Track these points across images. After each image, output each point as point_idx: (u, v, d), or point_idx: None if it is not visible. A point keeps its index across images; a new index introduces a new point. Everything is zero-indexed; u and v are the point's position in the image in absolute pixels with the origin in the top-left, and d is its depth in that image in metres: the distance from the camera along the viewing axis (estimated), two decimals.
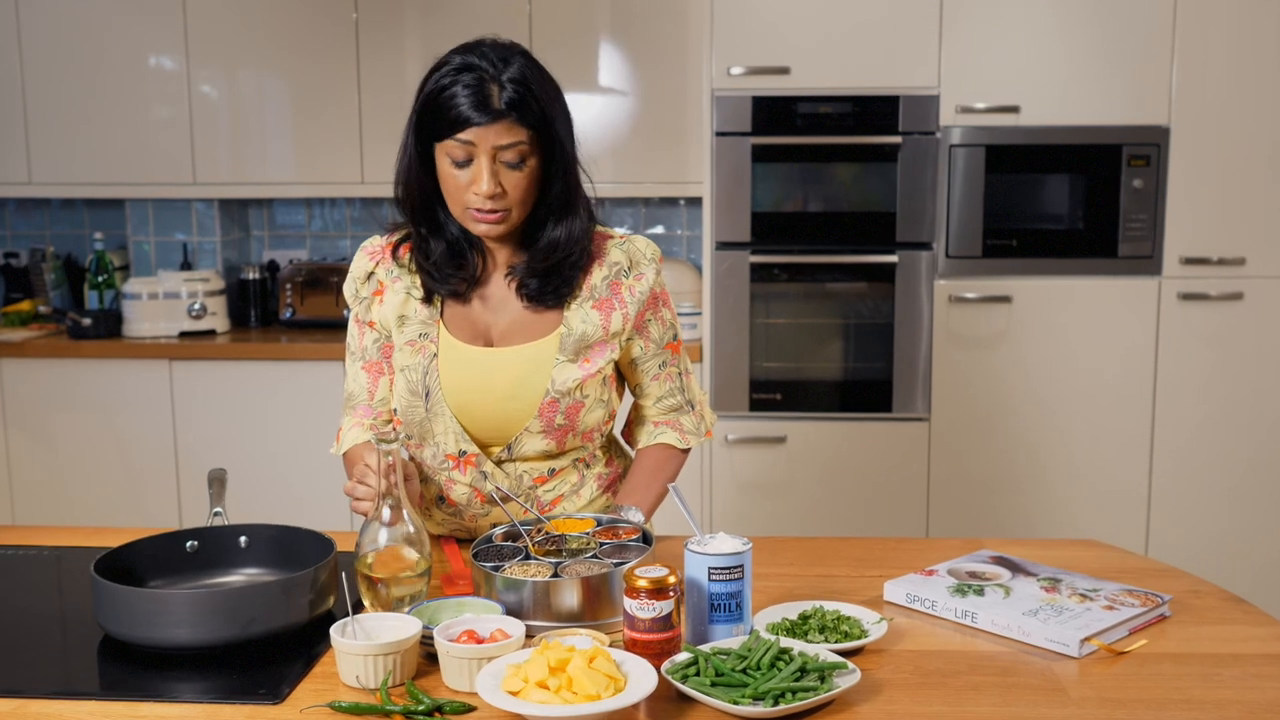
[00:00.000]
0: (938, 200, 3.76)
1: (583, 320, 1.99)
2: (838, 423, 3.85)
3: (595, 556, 1.78)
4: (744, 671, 1.49)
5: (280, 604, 1.64)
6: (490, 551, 1.82)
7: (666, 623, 1.56)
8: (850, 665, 1.52)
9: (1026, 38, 3.69)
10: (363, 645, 1.52)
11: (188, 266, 4.42)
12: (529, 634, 1.60)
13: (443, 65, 1.88)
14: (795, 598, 1.79)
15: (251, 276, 4.43)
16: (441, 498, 2.08)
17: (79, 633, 1.75)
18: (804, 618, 1.68)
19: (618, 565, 1.71)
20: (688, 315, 4.00)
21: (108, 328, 4.18)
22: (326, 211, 4.66)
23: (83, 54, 4.22)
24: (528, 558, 1.78)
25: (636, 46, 4.09)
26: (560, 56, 3.97)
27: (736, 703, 1.43)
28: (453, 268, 1.99)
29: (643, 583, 1.55)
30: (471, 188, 1.87)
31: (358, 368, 2.10)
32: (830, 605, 1.72)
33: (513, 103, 1.83)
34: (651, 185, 4.19)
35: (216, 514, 1.93)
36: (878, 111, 3.73)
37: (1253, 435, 3.81)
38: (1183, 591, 1.84)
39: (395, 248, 2.05)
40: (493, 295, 2.02)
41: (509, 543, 1.85)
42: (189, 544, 1.85)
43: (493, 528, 2.04)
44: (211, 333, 4.25)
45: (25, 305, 4.44)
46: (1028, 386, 3.80)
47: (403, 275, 2.03)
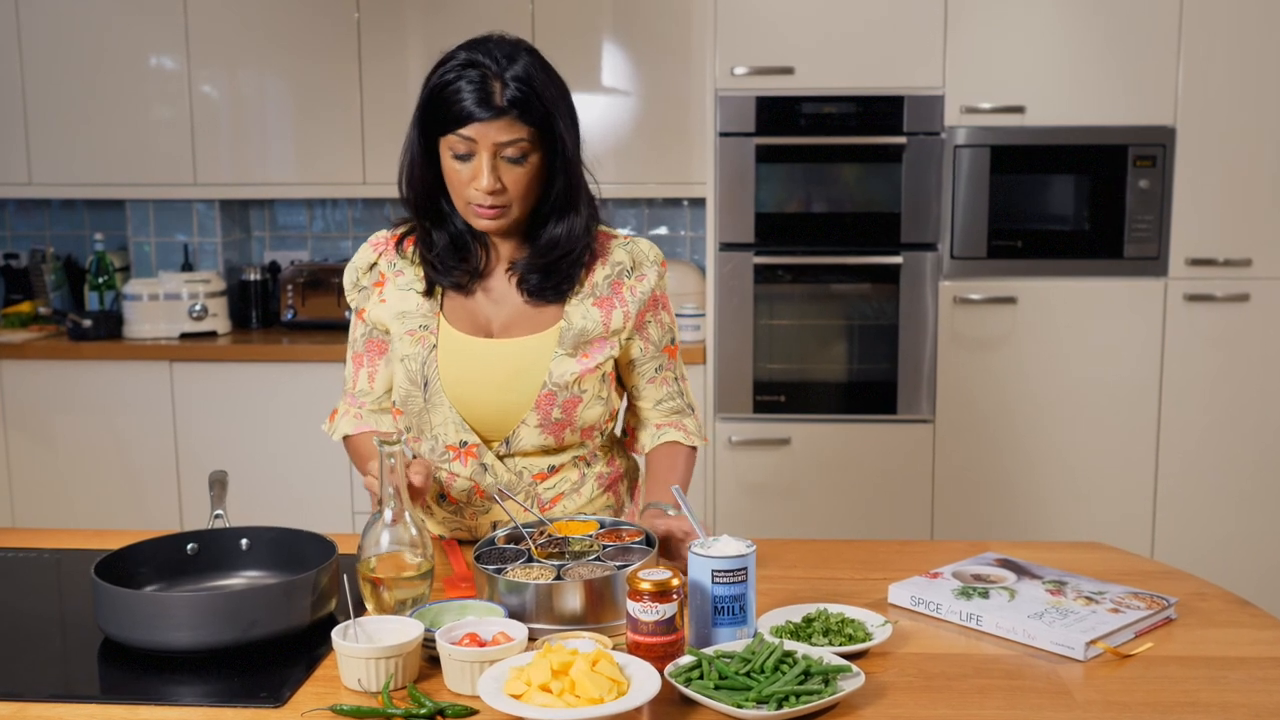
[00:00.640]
0: (942, 201, 3.75)
1: (583, 316, 2.00)
2: (842, 424, 3.85)
3: (598, 559, 1.77)
4: (748, 675, 1.48)
5: (281, 607, 1.64)
6: (493, 554, 1.82)
7: (670, 626, 1.56)
8: (854, 668, 1.51)
9: (1031, 38, 3.68)
10: (364, 648, 1.51)
11: (188, 267, 4.41)
12: (531, 637, 1.60)
13: (448, 60, 1.89)
14: (799, 600, 1.79)
15: (252, 277, 4.42)
16: (442, 495, 2.09)
17: (79, 636, 1.74)
18: (808, 620, 1.67)
19: (621, 568, 1.71)
20: (691, 317, 3.99)
21: (108, 329, 4.18)
22: (328, 212, 4.65)
23: (83, 54, 4.22)
24: (530, 560, 1.78)
25: (639, 46, 4.08)
26: (563, 56, 3.94)
27: (740, 706, 1.43)
28: (455, 260, 2.01)
29: (646, 585, 1.55)
30: (473, 183, 1.88)
31: (349, 356, 2.15)
32: (834, 608, 1.72)
33: (515, 100, 1.85)
34: (655, 186, 4.18)
35: (217, 516, 1.93)
36: (882, 112, 3.72)
37: (1259, 437, 3.80)
38: (1188, 594, 1.84)
39: (400, 240, 2.06)
40: (494, 288, 2.03)
41: (511, 545, 1.85)
42: (190, 546, 1.85)
43: (493, 527, 2.05)
44: (212, 334, 4.25)
45: (25, 306, 4.44)
46: (1032, 388, 3.80)
47: (405, 268, 2.05)
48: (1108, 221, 3.75)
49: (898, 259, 3.76)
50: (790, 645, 1.55)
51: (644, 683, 1.45)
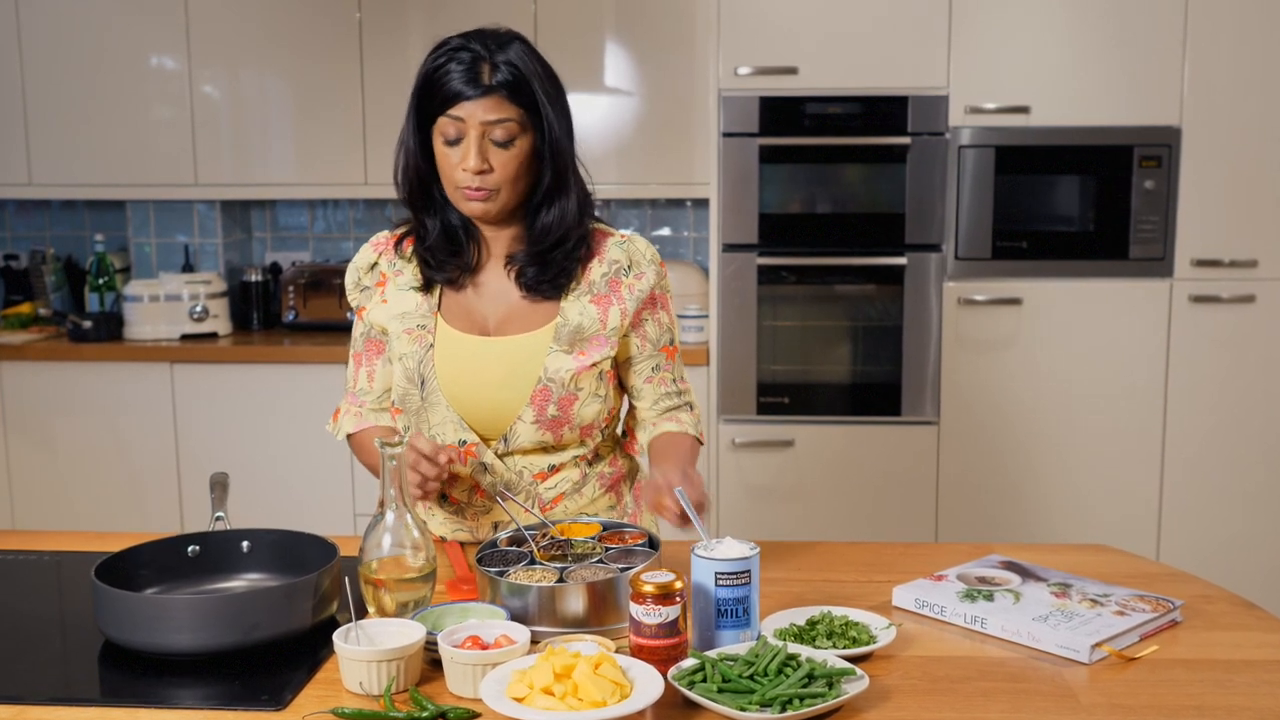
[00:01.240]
0: (947, 202, 3.74)
1: (579, 313, 2.01)
2: (846, 426, 3.84)
3: (601, 561, 1.77)
4: (751, 678, 1.48)
5: (283, 609, 1.63)
6: (495, 556, 1.81)
7: (673, 628, 1.55)
8: (858, 671, 1.51)
9: (1036, 37, 3.67)
10: (366, 651, 1.51)
11: (189, 268, 4.40)
12: (534, 640, 1.59)
13: (441, 46, 1.93)
14: (803, 603, 1.78)
15: (254, 279, 4.41)
16: (443, 495, 2.09)
17: (79, 638, 1.74)
18: (812, 623, 1.67)
19: (624, 570, 1.70)
20: (694, 318, 3.99)
21: (108, 330, 4.17)
22: (329, 213, 4.64)
23: (83, 54, 4.21)
24: (533, 562, 1.78)
25: (642, 46, 4.07)
26: (565, 56, 3.95)
27: (744, 709, 1.42)
28: (448, 254, 2.02)
29: (649, 588, 1.54)
30: (461, 165, 1.90)
31: (350, 355, 2.15)
32: (838, 610, 1.71)
33: (504, 81, 1.88)
34: (657, 186, 4.17)
35: (218, 518, 1.92)
36: (886, 112, 3.72)
37: (1265, 439, 3.79)
38: (1194, 597, 1.83)
39: (400, 241, 2.08)
40: (490, 285, 2.04)
41: (514, 547, 1.85)
42: (190, 549, 1.84)
43: (495, 528, 2.04)
44: (213, 335, 4.24)
45: (25, 308, 4.43)
46: (1038, 389, 3.79)
47: (405, 268, 2.06)
48: (1113, 222, 3.74)
49: (902, 260, 3.75)
50: (794, 648, 1.55)
51: (647, 686, 1.45)
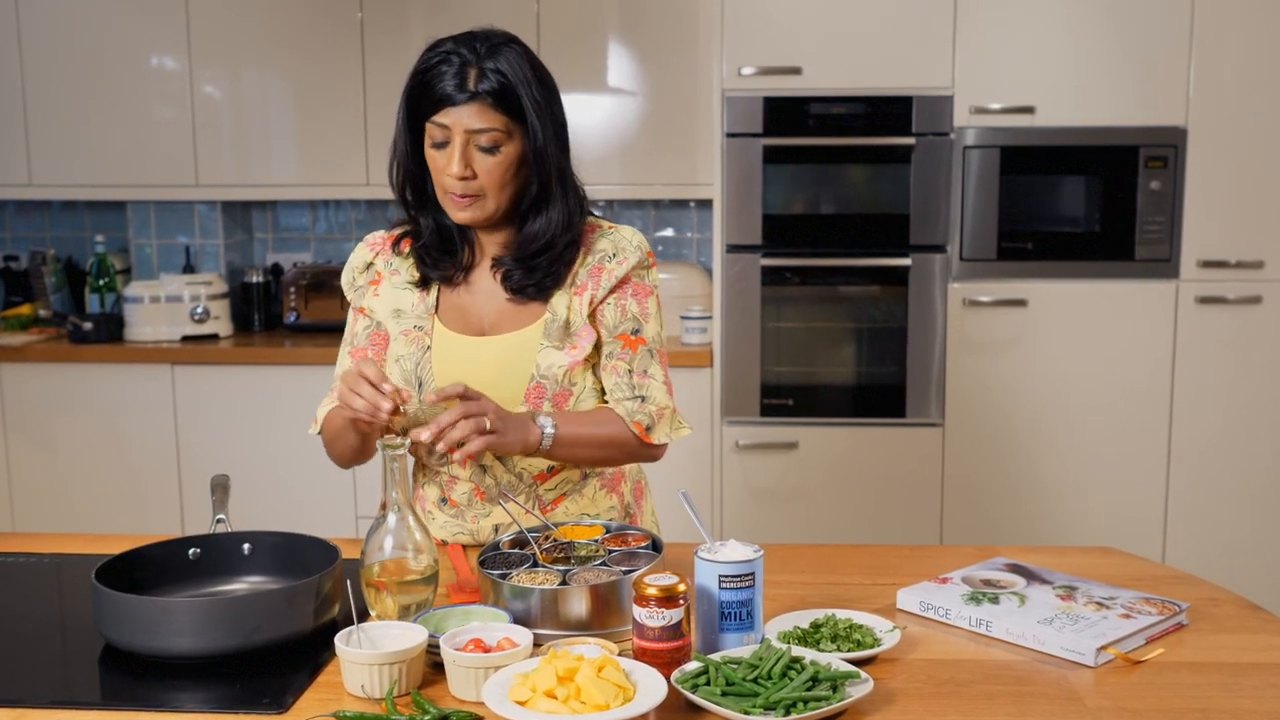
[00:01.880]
0: (951, 202, 3.73)
1: (566, 307, 2.00)
2: (850, 428, 3.83)
3: (604, 564, 1.76)
4: (755, 681, 1.48)
5: (284, 612, 1.63)
6: (497, 559, 1.81)
7: (676, 631, 1.54)
8: (863, 674, 1.51)
9: (1041, 37, 3.66)
10: (368, 654, 1.50)
11: (190, 269, 4.39)
12: (537, 642, 1.59)
13: (434, 47, 1.93)
14: (807, 606, 1.78)
15: (255, 280, 4.40)
16: (444, 499, 2.08)
17: (80, 641, 1.73)
18: (816, 626, 1.67)
19: (627, 573, 1.70)
20: (698, 319, 3.98)
21: (109, 332, 4.16)
22: (331, 214, 4.64)
23: (83, 54, 4.21)
24: (535, 565, 1.77)
25: (646, 46, 4.07)
26: (568, 57, 3.98)
27: (747, 713, 1.42)
28: (441, 253, 2.02)
29: (652, 591, 1.54)
30: (446, 169, 1.90)
31: (345, 353, 2.13)
32: (842, 613, 1.71)
33: (489, 89, 1.87)
34: (661, 187, 4.17)
35: (219, 521, 1.92)
36: (891, 112, 3.71)
37: (1271, 440, 3.78)
38: (1200, 599, 1.83)
39: (396, 241, 2.08)
40: (483, 284, 2.04)
41: (516, 550, 1.84)
42: (191, 551, 1.84)
43: (496, 530, 2.04)
44: (214, 337, 4.23)
45: (25, 309, 4.43)
46: (1043, 391, 3.78)
47: (401, 266, 2.07)
48: (1119, 223, 3.73)
49: (906, 261, 3.74)
50: (798, 651, 1.54)
51: (650, 689, 1.44)
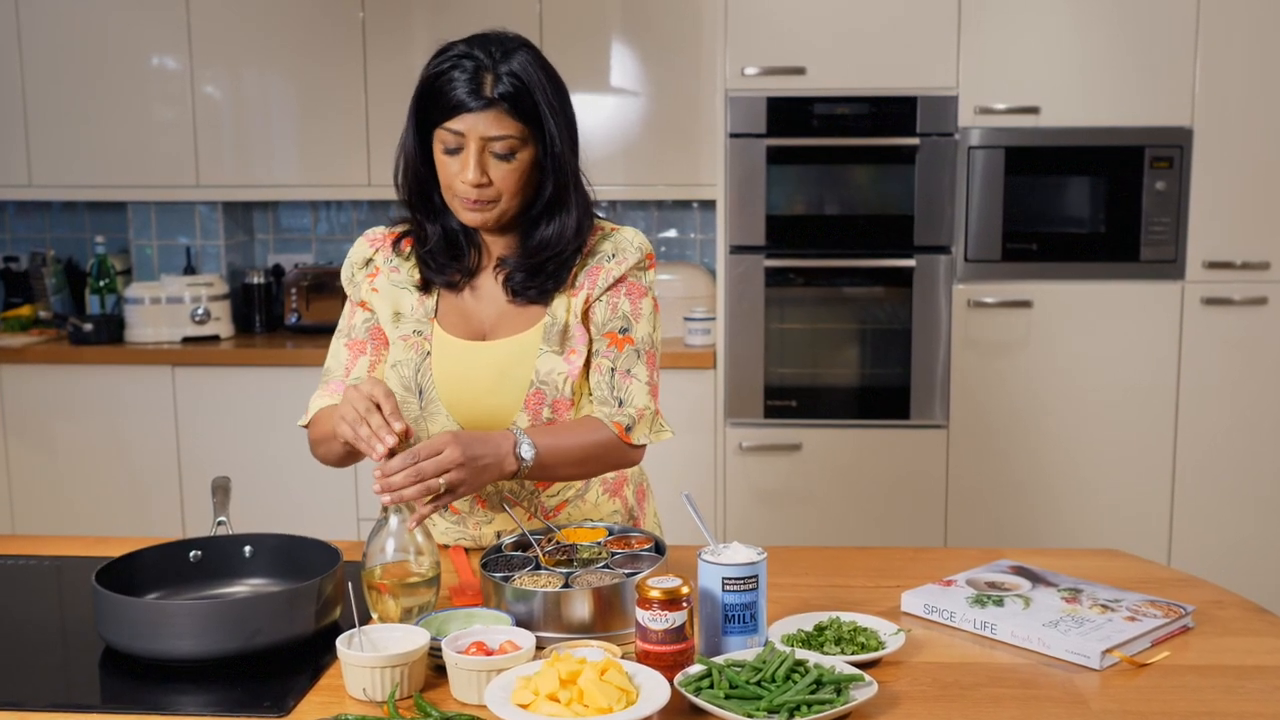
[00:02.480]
0: (956, 203, 3.73)
1: (565, 310, 1.99)
2: (854, 430, 3.82)
3: (607, 567, 1.76)
4: (758, 684, 1.47)
5: (285, 615, 1.62)
6: (500, 561, 1.80)
7: (679, 634, 1.54)
8: (867, 678, 1.50)
9: (1046, 37, 3.66)
10: (370, 657, 1.50)
11: (191, 270, 4.39)
12: (539, 645, 1.58)
13: (445, 51, 1.90)
14: (811, 608, 1.77)
15: (256, 281, 4.40)
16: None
17: (80, 644, 1.73)
18: (820, 629, 1.66)
19: (630, 576, 1.69)
20: (701, 320, 3.97)
21: (109, 333, 4.16)
22: (332, 214, 4.64)
23: (83, 54, 4.20)
24: (538, 568, 1.77)
25: (649, 46, 4.06)
26: (571, 57, 3.97)
27: (751, 716, 1.42)
28: (448, 258, 2.00)
29: (655, 593, 1.53)
30: (459, 176, 1.88)
31: (341, 344, 2.09)
32: (846, 616, 1.70)
33: (505, 94, 1.85)
34: (664, 188, 4.16)
35: (220, 523, 1.92)
36: (895, 113, 3.70)
37: (1277, 442, 3.77)
38: (1206, 602, 1.82)
39: (398, 239, 2.06)
40: (486, 288, 2.02)
41: (519, 552, 1.84)
42: (192, 554, 1.83)
43: (498, 536, 2.03)
44: (215, 338, 4.23)
45: (25, 310, 4.42)
46: (1048, 393, 3.77)
47: (401, 266, 2.05)
48: (1124, 224, 3.73)
49: (911, 262, 3.74)
50: (802, 654, 1.54)
51: (653, 692, 1.44)
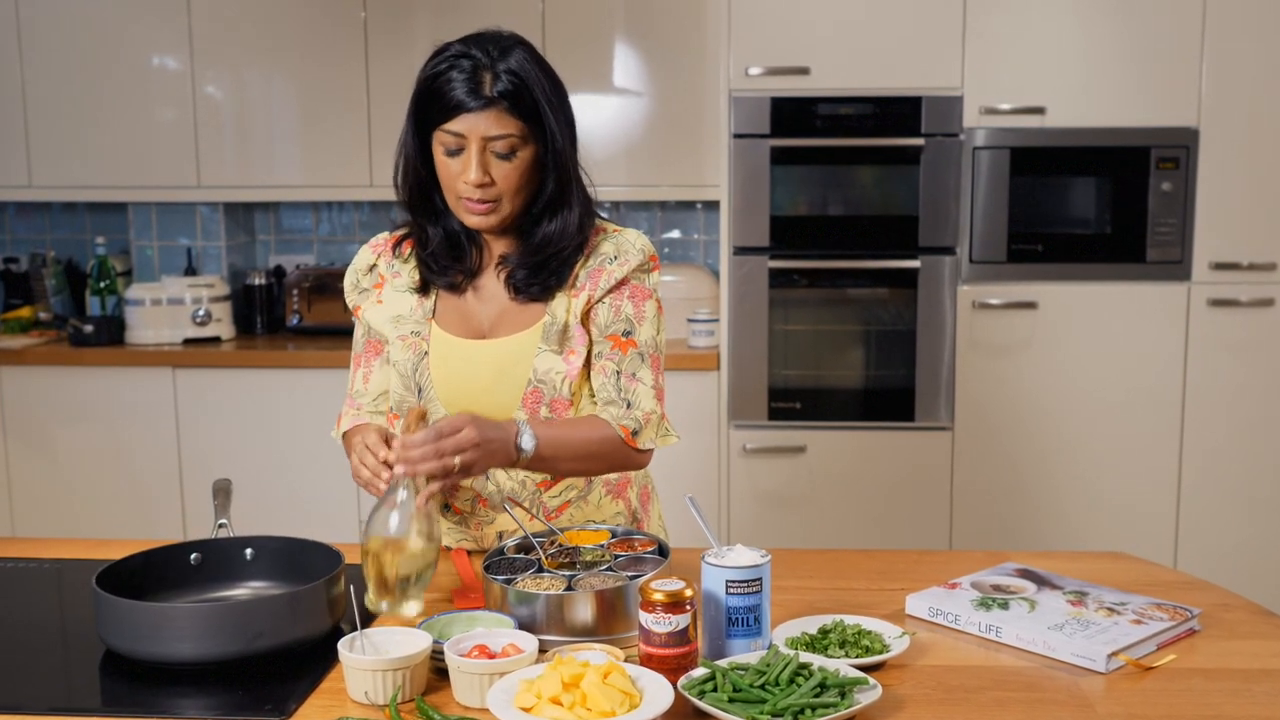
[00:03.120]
0: (961, 204, 3.72)
1: (565, 309, 1.98)
2: (859, 432, 3.82)
3: (610, 569, 1.76)
4: (762, 687, 1.47)
5: (287, 618, 1.62)
6: (502, 564, 1.80)
7: (683, 637, 1.54)
8: (871, 681, 1.50)
9: (1052, 37, 3.65)
10: (371, 660, 1.50)
11: (192, 272, 4.38)
12: (542, 649, 1.58)
13: (442, 51, 1.90)
14: (815, 611, 1.77)
15: (257, 282, 4.40)
16: (446, 505, 2.07)
17: (80, 647, 1.73)
18: (824, 632, 1.66)
19: (633, 578, 1.69)
20: (704, 322, 3.97)
21: (110, 334, 4.15)
22: (334, 215, 4.63)
23: (84, 54, 4.20)
24: (540, 570, 1.76)
25: (652, 46, 4.05)
26: (574, 57, 3.97)
27: (755, 719, 1.40)
28: (450, 259, 2.00)
29: (658, 596, 1.53)
30: (461, 176, 1.88)
31: (351, 359, 2.12)
32: (851, 619, 1.70)
33: (505, 92, 1.84)
34: (667, 189, 4.16)
35: (221, 525, 1.92)
36: (899, 113, 3.69)
37: None
38: (1212, 605, 1.82)
39: (398, 243, 2.06)
40: (487, 288, 2.02)
41: (521, 555, 1.83)
42: (193, 556, 1.83)
43: (500, 537, 2.02)
44: (216, 340, 4.22)
45: (25, 311, 4.42)
46: (1053, 394, 3.76)
47: (402, 269, 2.05)
48: (1130, 225, 3.72)
49: (915, 263, 3.73)
50: (806, 657, 1.53)
51: (656, 695, 1.44)
